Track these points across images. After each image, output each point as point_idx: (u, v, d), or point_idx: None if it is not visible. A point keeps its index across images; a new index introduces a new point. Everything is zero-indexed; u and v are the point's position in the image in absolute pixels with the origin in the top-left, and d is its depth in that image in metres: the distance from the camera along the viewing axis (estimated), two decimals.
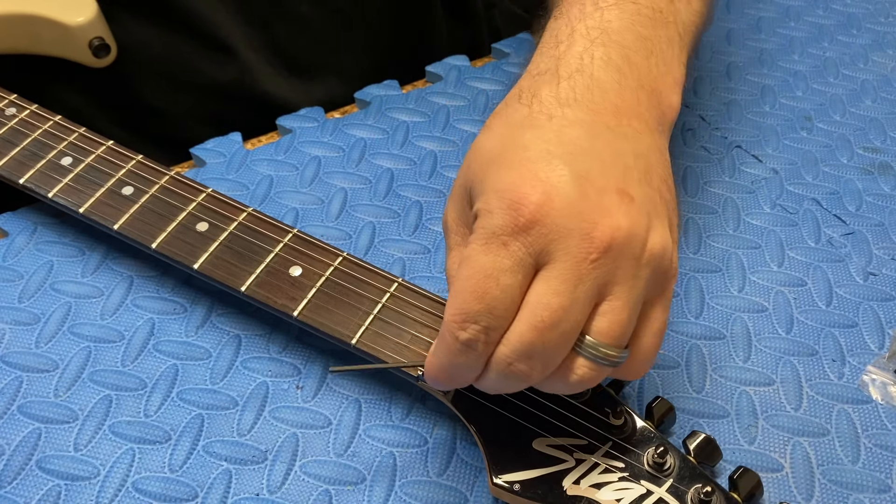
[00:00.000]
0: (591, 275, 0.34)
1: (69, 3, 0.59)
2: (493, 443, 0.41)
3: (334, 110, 0.63)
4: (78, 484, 0.43)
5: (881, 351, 0.49)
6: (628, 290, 0.35)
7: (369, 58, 0.72)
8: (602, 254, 0.34)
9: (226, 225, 0.47)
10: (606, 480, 0.39)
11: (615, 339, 0.35)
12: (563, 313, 0.34)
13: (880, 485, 0.43)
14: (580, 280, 0.34)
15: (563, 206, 0.34)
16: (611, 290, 0.35)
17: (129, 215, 0.48)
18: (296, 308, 0.44)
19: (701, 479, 0.39)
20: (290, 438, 0.45)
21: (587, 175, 0.35)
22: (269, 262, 0.46)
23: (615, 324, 0.35)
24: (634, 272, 0.35)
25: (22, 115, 0.53)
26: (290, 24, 0.67)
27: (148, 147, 0.58)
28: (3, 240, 0.53)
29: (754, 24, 0.71)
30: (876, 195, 0.58)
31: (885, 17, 0.72)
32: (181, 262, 0.46)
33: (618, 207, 0.35)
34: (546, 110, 0.38)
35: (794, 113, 0.63)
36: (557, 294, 0.34)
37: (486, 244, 0.35)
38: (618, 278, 0.35)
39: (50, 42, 0.60)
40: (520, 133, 0.38)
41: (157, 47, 0.65)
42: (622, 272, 0.35)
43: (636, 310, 0.36)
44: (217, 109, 0.68)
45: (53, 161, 0.51)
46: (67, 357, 0.48)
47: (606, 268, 0.34)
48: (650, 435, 0.41)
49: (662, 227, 0.36)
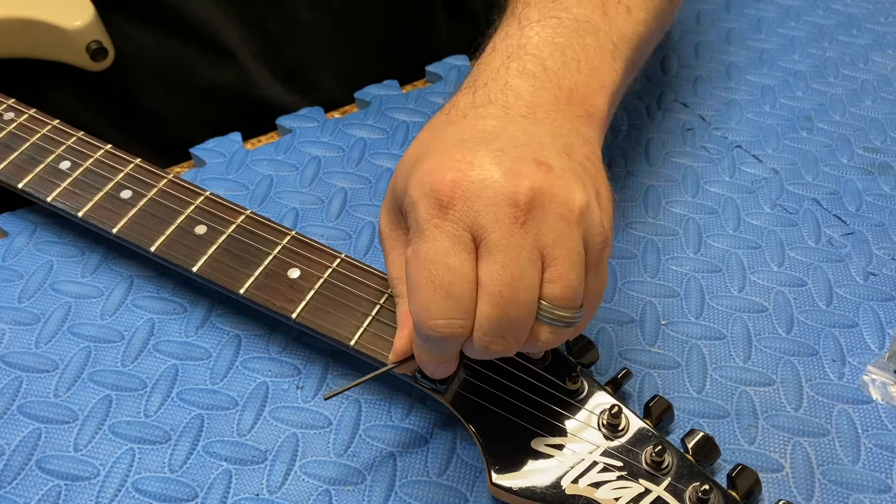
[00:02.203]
0: (527, 238, 0.35)
1: (66, 7, 0.59)
2: (492, 443, 0.41)
3: (334, 110, 0.63)
4: (78, 484, 0.43)
5: (881, 351, 0.49)
6: (567, 252, 0.36)
7: (368, 60, 0.72)
8: (527, 213, 0.35)
9: (224, 228, 0.47)
10: (605, 479, 0.39)
11: (568, 303, 0.36)
12: (516, 283, 0.35)
13: (880, 485, 0.43)
14: (520, 247, 0.35)
15: (480, 177, 0.36)
16: (551, 253, 0.36)
17: (128, 219, 0.48)
18: (294, 310, 0.44)
19: (699, 477, 0.39)
20: (290, 438, 0.45)
21: (502, 149, 0.37)
22: (268, 265, 0.46)
23: (566, 288, 0.36)
24: (567, 231, 0.36)
25: (20, 120, 0.53)
26: (288, 27, 0.67)
27: (146, 150, 0.58)
28: (3, 240, 0.53)
29: (754, 24, 0.71)
30: (876, 195, 0.58)
31: (885, 17, 0.72)
32: (180, 266, 0.46)
33: (536, 172, 0.36)
34: (461, 112, 0.41)
35: (794, 113, 0.63)
36: (504, 266, 0.35)
37: (421, 234, 0.36)
38: (553, 240, 0.36)
39: (47, 46, 0.60)
40: (438, 132, 0.40)
41: (155, 51, 0.64)
42: (555, 233, 0.36)
43: (581, 270, 0.37)
44: (215, 113, 0.67)
45: (52, 165, 0.51)
46: (67, 357, 0.48)
47: (537, 228, 0.35)
48: (648, 433, 0.41)
49: (585, 191, 0.37)
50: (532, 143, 0.38)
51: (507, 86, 0.42)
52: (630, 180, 0.58)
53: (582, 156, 0.39)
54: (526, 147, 0.38)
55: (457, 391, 0.42)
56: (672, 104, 0.64)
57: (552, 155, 0.38)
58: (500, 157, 0.36)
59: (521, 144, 0.38)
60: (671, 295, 0.51)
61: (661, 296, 0.51)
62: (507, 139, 0.38)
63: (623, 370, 0.44)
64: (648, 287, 0.52)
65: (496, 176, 0.36)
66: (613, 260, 0.53)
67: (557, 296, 0.36)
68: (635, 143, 0.61)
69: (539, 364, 0.43)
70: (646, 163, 0.60)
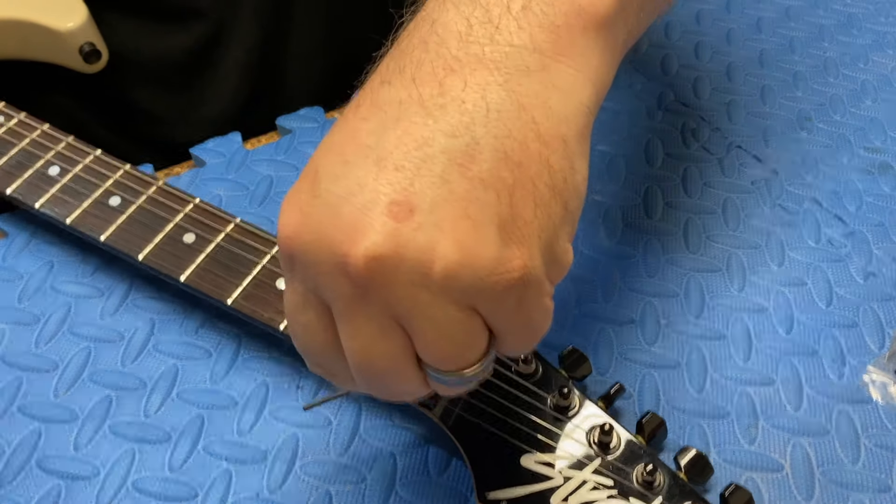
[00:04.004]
0: (371, 310, 0.28)
1: (59, 8, 0.59)
2: (481, 460, 0.40)
3: (334, 110, 0.63)
4: (78, 484, 0.43)
5: (881, 351, 0.49)
6: (428, 323, 0.28)
7: (368, 54, 0.72)
8: (364, 289, 0.28)
9: (213, 236, 0.47)
10: (595, 498, 0.38)
11: (449, 368, 0.30)
12: (366, 353, 0.29)
13: (880, 485, 0.43)
14: (365, 318, 0.29)
15: (312, 237, 0.28)
16: (409, 325, 0.29)
17: (116, 226, 0.48)
18: (282, 322, 0.44)
19: (691, 496, 0.39)
20: (291, 438, 0.45)
21: (350, 191, 0.28)
22: (256, 275, 0.46)
23: (440, 355, 0.29)
24: (424, 299, 0.28)
25: (9, 124, 0.53)
26: (283, 25, 0.67)
27: (143, 151, 0.58)
28: (3, 240, 0.53)
29: (754, 24, 0.71)
30: (876, 195, 0.58)
31: (886, 17, 0.72)
32: (168, 275, 0.46)
33: (381, 227, 0.27)
34: (356, 102, 0.31)
35: (794, 113, 0.63)
36: (351, 338, 0.29)
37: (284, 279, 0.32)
38: (407, 311, 0.28)
39: (40, 48, 0.60)
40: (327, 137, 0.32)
41: (149, 52, 0.64)
42: (407, 302, 0.28)
43: (462, 331, 0.29)
44: (211, 114, 0.67)
45: (41, 171, 0.50)
46: (67, 357, 0.48)
47: (383, 300, 0.28)
48: (640, 451, 0.40)
49: (465, 233, 0.27)
50: (405, 166, 0.28)
51: (431, 28, 0.30)
52: (630, 180, 0.58)
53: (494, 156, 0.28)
54: (394, 174, 0.28)
55: (446, 407, 0.42)
56: (672, 104, 0.64)
57: (427, 182, 0.27)
58: (342, 207, 0.28)
59: (387, 170, 0.28)
60: (671, 295, 0.51)
61: (661, 296, 0.51)
62: (370, 163, 0.28)
63: (616, 385, 0.44)
64: (648, 287, 0.52)
65: (331, 237, 0.28)
66: (614, 260, 0.53)
67: (433, 363, 0.30)
68: (635, 143, 0.61)
69: (530, 379, 0.42)
70: (646, 163, 0.60)
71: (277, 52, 0.69)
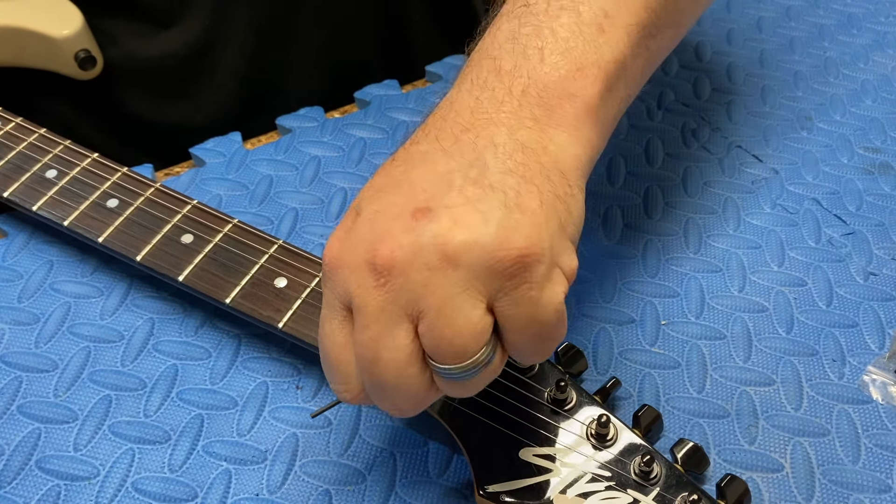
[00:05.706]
0: (387, 298, 0.33)
1: (54, 15, 0.59)
2: (479, 453, 0.40)
3: (334, 110, 0.63)
4: (78, 484, 0.43)
5: (881, 351, 0.49)
6: (435, 299, 0.32)
7: (366, 62, 0.72)
8: (386, 276, 0.33)
9: (211, 237, 0.47)
10: (593, 490, 0.39)
11: (445, 356, 0.33)
12: (375, 344, 0.33)
13: (880, 485, 0.43)
14: (380, 309, 0.33)
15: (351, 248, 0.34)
16: (417, 307, 0.33)
17: (114, 228, 0.48)
18: (281, 320, 0.44)
19: (688, 487, 0.39)
20: (290, 438, 0.45)
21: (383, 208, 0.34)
22: (255, 274, 0.46)
23: (438, 339, 0.33)
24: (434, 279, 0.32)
25: (6, 128, 0.53)
26: (283, 32, 0.67)
27: (140, 156, 0.58)
28: (3, 240, 0.53)
29: (754, 24, 0.71)
30: (876, 195, 0.58)
31: (886, 17, 0.72)
32: (166, 275, 0.46)
33: (403, 229, 0.33)
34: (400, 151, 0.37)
35: (794, 113, 0.63)
36: (363, 328, 0.33)
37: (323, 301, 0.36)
38: (419, 294, 0.32)
39: (35, 55, 0.60)
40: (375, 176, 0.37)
41: (144, 59, 0.64)
42: (418, 285, 0.32)
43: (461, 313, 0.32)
44: (207, 121, 0.67)
45: (38, 174, 0.50)
46: (67, 357, 0.48)
47: (399, 287, 0.32)
48: (637, 443, 0.40)
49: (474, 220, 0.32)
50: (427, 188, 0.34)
51: (450, 107, 0.37)
52: (630, 180, 0.58)
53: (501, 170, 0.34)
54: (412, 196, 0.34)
55: (444, 401, 0.42)
56: (672, 104, 0.64)
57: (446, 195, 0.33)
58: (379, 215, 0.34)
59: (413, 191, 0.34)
60: (671, 295, 0.51)
61: (661, 296, 0.51)
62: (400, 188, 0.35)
63: (612, 379, 0.44)
64: (648, 287, 0.52)
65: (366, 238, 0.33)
66: (614, 260, 0.53)
67: (430, 348, 0.33)
68: (635, 143, 0.61)
69: (527, 373, 0.43)
70: (646, 163, 0.60)
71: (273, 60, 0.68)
